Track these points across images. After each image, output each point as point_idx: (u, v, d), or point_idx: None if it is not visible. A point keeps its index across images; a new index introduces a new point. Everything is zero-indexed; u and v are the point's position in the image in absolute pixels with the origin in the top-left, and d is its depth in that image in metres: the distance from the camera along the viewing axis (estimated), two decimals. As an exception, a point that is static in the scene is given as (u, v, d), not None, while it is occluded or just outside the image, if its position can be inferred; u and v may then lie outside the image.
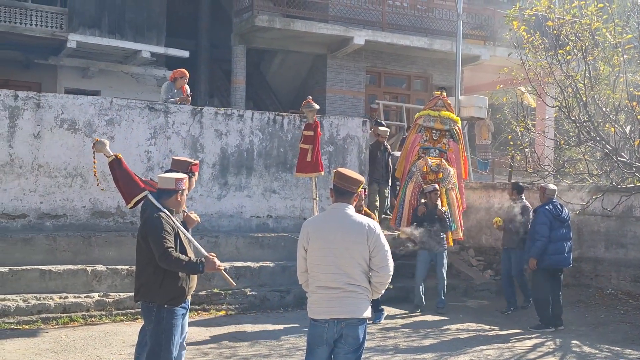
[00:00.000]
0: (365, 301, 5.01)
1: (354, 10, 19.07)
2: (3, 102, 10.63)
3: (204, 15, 20.72)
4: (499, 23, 20.01)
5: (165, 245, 5.24)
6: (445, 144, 12.27)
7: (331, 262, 4.96)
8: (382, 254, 4.96)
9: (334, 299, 4.96)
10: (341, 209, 5.05)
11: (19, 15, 16.05)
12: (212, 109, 12.39)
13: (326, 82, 19.35)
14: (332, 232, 4.99)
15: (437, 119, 12.27)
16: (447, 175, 11.88)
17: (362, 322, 5.00)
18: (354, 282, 4.95)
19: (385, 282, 5.00)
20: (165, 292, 5.37)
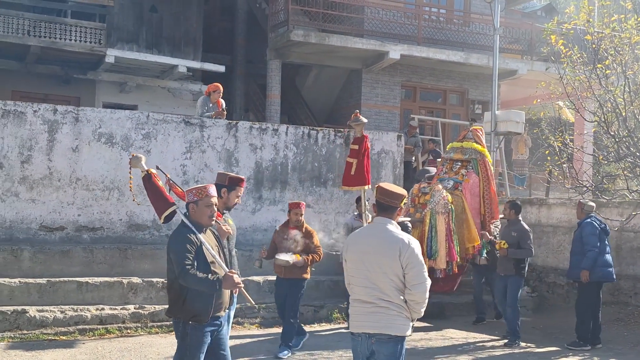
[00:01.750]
0: (399, 318, 4.89)
1: (390, 24, 19.06)
2: (42, 116, 10.81)
3: (240, 31, 20.89)
4: (537, 37, 19.86)
5: (182, 263, 5.16)
6: (464, 175, 11.41)
7: (364, 275, 4.94)
8: (416, 271, 4.84)
9: (367, 314, 4.94)
10: (381, 224, 5.01)
11: (58, 31, 16.32)
12: (247, 123, 12.46)
13: (361, 96, 19.33)
14: (367, 245, 4.97)
15: (458, 150, 11.70)
16: (437, 197, 10.79)
17: (394, 340, 4.89)
18: (386, 297, 4.88)
19: (419, 300, 4.86)
20: (188, 309, 5.27)
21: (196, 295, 5.22)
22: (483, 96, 20.37)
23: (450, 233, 10.71)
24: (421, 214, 10.63)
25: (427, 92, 20.74)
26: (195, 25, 18.16)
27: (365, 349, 4.93)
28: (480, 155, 11.53)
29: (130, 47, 17.20)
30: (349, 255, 5.09)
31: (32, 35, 16.07)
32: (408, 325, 4.94)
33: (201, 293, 5.21)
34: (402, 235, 4.95)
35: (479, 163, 11.46)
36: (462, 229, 10.85)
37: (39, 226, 10.72)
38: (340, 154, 12.84)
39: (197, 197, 5.42)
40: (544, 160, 14.51)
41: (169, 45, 17.71)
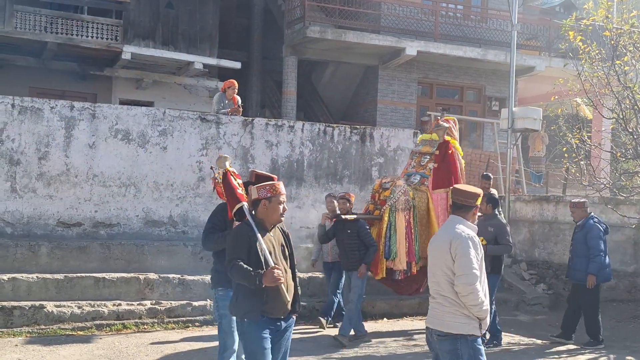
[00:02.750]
0: (455, 315, 4.88)
1: (406, 21, 18.99)
2: (60, 112, 10.86)
3: (256, 27, 20.89)
4: (555, 33, 19.72)
5: (231, 256, 5.13)
6: (430, 169, 10.33)
7: (431, 271, 5.09)
8: (462, 261, 4.84)
9: (431, 308, 5.10)
10: (453, 222, 5.11)
11: (75, 27, 16.39)
12: (262, 120, 12.46)
13: (377, 93, 19.29)
14: (434, 242, 5.16)
15: (427, 142, 10.64)
16: (398, 194, 9.90)
17: (451, 338, 4.87)
18: (443, 292, 4.94)
19: (464, 292, 4.82)
20: (240, 306, 5.19)
21: (247, 292, 5.13)
22: (500, 93, 20.26)
23: (411, 231, 9.84)
24: (380, 211, 9.83)
25: (444, 89, 20.66)
26: (211, 22, 18.18)
27: (433, 342, 5.07)
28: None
29: (147, 43, 17.24)
30: (428, 252, 5.27)
31: (49, 31, 16.16)
32: (467, 323, 4.87)
33: (251, 291, 5.09)
34: (459, 230, 4.98)
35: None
36: (424, 227, 9.96)
37: (57, 222, 10.79)
38: (356, 151, 12.82)
39: (270, 194, 5.29)
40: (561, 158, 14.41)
41: (185, 42, 17.74)
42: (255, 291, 5.06)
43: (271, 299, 5.11)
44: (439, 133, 10.15)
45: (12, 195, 10.58)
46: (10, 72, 17.00)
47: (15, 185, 10.60)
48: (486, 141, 20.10)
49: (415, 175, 10.32)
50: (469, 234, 4.97)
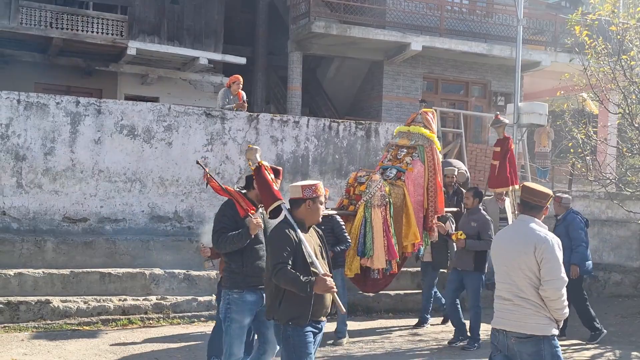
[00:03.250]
0: (536, 317, 4.86)
1: (412, 16, 18.95)
2: (65, 108, 10.88)
3: (261, 22, 20.86)
4: (561, 28, 19.65)
5: (277, 260, 4.91)
6: (408, 163, 9.81)
7: (504, 272, 5.02)
8: (549, 266, 4.82)
9: (505, 310, 5.00)
10: (525, 221, 5.08)
11: (80, 23, 16.40)
12: (268, 116, 12.46)
13: (382, 88, 19.25)
14: (508, 242, 5.07)
15: (404, 135, 10.09)
16: (374, 189, 9.30)
17: (533, 340, 4.86)
18: (522, 294, 4.89)
19: (553, 297, 4.81)
20: (284, 310, 4.98)
21: (292, 296, 4.94)
22: (506, 88, 20.21)
23: (388, 228, 9.29)
24: (355, 207, 9.26)
25: (449, 84, 20.61)
26: (217, 17, 18.16)
27: (504, 346, 4.98)
28: (427, 141, 9.99)
29: (152, 39, 17.25)
30: (492, 252, 5.24)
31: (55, 27, 16.17)
32: (548, 324, 4.87)
33: (297, 295, 4.92)
34: (540, 232, 4.97)
35: (426, 150, 9.95)
36: (400, 224, 9.42)
37: (62, 217, 10.81)
38: (362, 146, 12.81)
39: (315, 194, 5.16)
40: (566, 153, 14.35)
41: (190, 37, 17.73)
42: (297, 296, 4.92)
43: (317, 302, 4.99)
44: (498, 130, 10.05)
45: (18, 190, 10.61)
46: (16, 68, 17.02)
47: (21, 180, 10.62)
48: (492, 136, 20.04)
49: (392, 169, 9.77)
50: (553, 236, 4.99)
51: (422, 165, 9.77)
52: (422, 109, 10.37)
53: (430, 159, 9.88)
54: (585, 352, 9.07)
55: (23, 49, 16.94)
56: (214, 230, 5.95)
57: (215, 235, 5.91)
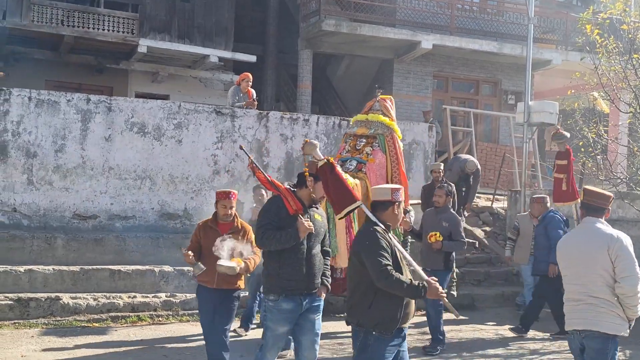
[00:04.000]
0: (609, 316, 4.94)
1: (422, 14, 18.91)
2: (76, 105, 10.92)
3: (272, 21, 20.88)
4: (572, 27, 19.56)
5: (382, 263, 4.67)
6: (368, 154, 9.24)
7: (574, 273, 5.12)
8: (625, 263, 4.92)
9: (576, 311, 5.10)
10: (591, 222, 5.19)
11: (91, 21, 16.46)
12: (277, 113, 12.47)
13: (392, 86, 19.21)
14: (577, 244, 5.18)
15: (363, 124, 9.55)
16: None
17: (603, 337, 4.95)
18: (594, 294, 4.97)
19: (630, 294, 4.88)
20: (375, 314, 4.74)
21: (387, 299, 4.73)
22: (516, 86, 20.14)
23: (351, 224, 8.75)
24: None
25: (460, 83, 20.56)
26: (227, 15, 18.19)
27: (577, 345, 5.10)
28: (388, 130, 9.46)
29: (163, 37, 17.29)
30: (559, 255, 5.34)
31: (66, 25, 16.24)
32: (621, 324, 4.96)
33: (392, 298, 4.73)
34: (611, 231, 5.07)
35: (387, 139, 9.41)
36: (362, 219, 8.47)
37: (73, 214, 10.85)
38: (371, 145, 12.79)
39: (401, 198, 5.01)
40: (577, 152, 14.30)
41: (201, 35, 17.76)
42: (393, 299, 4.75)
43: (406, 309, 4.86)
44: (561, 144, 9.93)
45: (28, 187, 10.65)
46: (27, 66, 17.08)
47: (32, 177, 10.67)
48: (502, 135, 20.00)
49: (351, 161, 9.21)
50: (624, 235, 5.10)
51: (384, 155, 9.30)
52: (379, 96, 9.82)
53: (392, 148, 9.41)
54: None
55: (34, 46, 17.01)
56: (259, 225, 5.68)
57: (260, 231, 5.63)
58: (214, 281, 6.49)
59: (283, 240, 5.51)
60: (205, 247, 6.55)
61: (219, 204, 6.65)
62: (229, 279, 6.46)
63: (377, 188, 5.17)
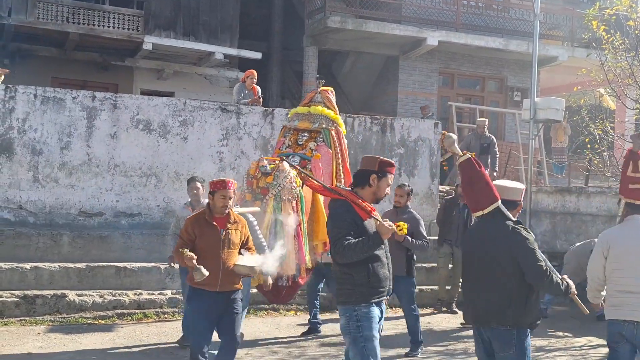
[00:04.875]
0: None
1: (428, 10, 18.87)
2: (81, 102, 10.92)
3: (277, 17, 20.87)
4: (578, 23, 19.51)
5: (544, 264, 4.73)
6: (312, 149, 8.55)
7: (631, 266, 5.39)
8: None
9: (632, 304, 5.36)
10: (638, 219, 5.58)
11: (97, 18, 16.47)
12: (283, 110, 12.45)
13: (398, 83, 19.20)
14: (628, 239, 5.50)
15: (305, 117, 8.80)
16: (283, 180, 8.01)
17: None
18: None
19: None
20: (531, 312, 4.83)
21: (535, 296, 4.86)
22: (522, 83, 20.09)
23: (300, 227, 8.10)
24: (262, 202, 7.88)
25: (465, 79, 20.53)
26: (232, 12, 18.18)
27: (633, 336, 5.38)
28: (332, 123, 8.79)
29: (168, 34, 17.29)
30: (613, 249, 5.49)
31: (71, 22, 16.25)
32: None
33: (537, 294, 4.88)
34: None
35: (331, 134, 8.71)
36: (311, 221, 8.31)
37: (78, 212, 10.86)
38: (377, 142, 12.78)
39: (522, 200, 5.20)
40: (583, 148, 14.26)
41: (206, 32, 17.76)
42: (537, 300, 4.97)
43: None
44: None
45: (34, 184, 10.67)
46: (33, 63, 17.12)
47: (37, 175, 10.68)
48: (508, 132, 19.97)
49: (294, 157, 8.42)
50: None
51: (329, 150, 8.59)
52: (320, 87, 9.07)
53: (337, 143, 8.74)
54: (600, 349, 9.01)
55: (40, 43, 17.04)
56: (335, 239, 4.98)
57: (339, 245, 4.94)
58: (217, 284, 5.97)
59: (367, 248, 4.97)
60: (202, 246, 5.97)
61: (216, 195, 6.06)
62: (234, 279, 6.09)
63: (507, 187, 5.05)
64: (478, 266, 4.89)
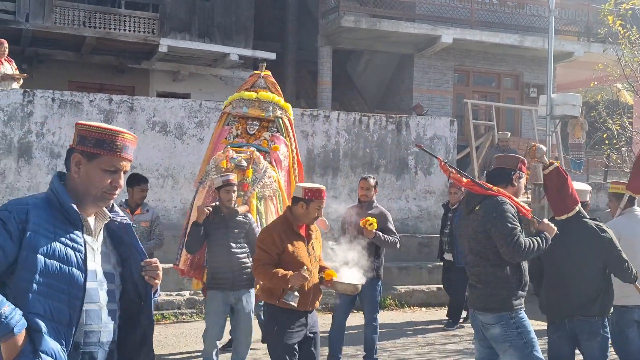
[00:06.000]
0: None
1: (442, 8, 18.83)
2: (98, 105, 11.01)
3: (291, 18, 20.90)
4: (594, 18, 19.37)
5: (623, 256, 5.15)
6: (268, 140, 7.87)
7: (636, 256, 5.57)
8: None
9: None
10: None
11: (113, 22, 16.60)
12: (298, 110, 12.48)
13: (413, 81, 19.17)
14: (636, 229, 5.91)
15: (253, 103, 7.96)
16: (262, 174, 7.44)
17: None
18: None
19: None
20: (611, 300, 5.26)
21: (611, 288, 5.23)
22: (538, 79, 19.99)
23: None
24: (243, 199, 7.18)
25: (481, 76, 20.45)
26: (246, 13, 18.24)
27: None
28: (284, 112, 8.18)
29: (183, 36, 17.38)
30: (622, 240, 5.55)
31: (88, 26, 16.38)
32: None
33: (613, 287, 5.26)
34: None
35: (284, 123, 8.11)
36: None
37: (97, 214, 10.93)
38: (392, 140, 12.77)
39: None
40: (601, 144, 14.17)
41: (221, 34, 17.82)
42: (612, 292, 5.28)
43: None
44: None
45: (53, 187, 10.74)
46: (51, 67, 17.27)
47: (56, 178, 10.76)
48: (524, 128, 19.88)
49: (249, 149, 7.72)
50: None
51: (286, 141, 8.02)
52: (263, 72, 8.39)
53: (291, 134, 8.17)
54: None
55: (57, 48, 17.19)
56: (507, 234, 4.63)
57: (516, 242, 4.61)
58: (308, 302, 5.12)
59: (541, 246, 4.76)
60: (291, 260, 5.06)
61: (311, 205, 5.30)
62: (319, 296, 5.28)
63: (580, 190, 5.52)
64: (564, 264, 5.18)
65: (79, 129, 2.85)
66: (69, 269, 2.68)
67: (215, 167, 7.52)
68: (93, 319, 2.78)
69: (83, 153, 2.81)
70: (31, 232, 2.62)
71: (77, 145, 2.83)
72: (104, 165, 2.84)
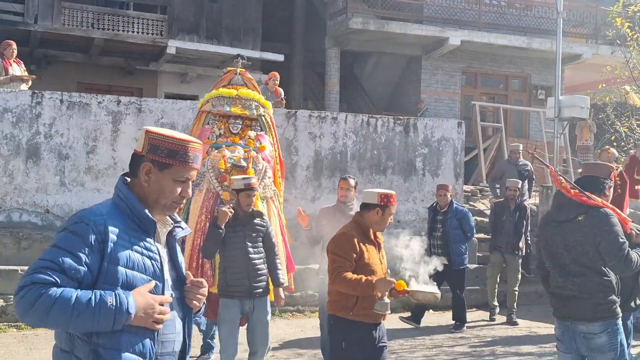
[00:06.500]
0: None
1: (450, 10, 18.82)
2: (107, 107, 11.05)
3: (299, 20, 20.92)
4: (602, 20, 19.34)
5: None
6: (253, 139, 7.62)
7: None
8: None
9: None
10: None
11: (121, 23, 16.66)
12: (306, 112, 12.49)
13: (421, 83, 19.17)
14: None
15: (235, 101, 7.68)
16: (263, 175, 7.31)
17: None
18: None
19: None
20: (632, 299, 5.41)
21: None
22: (546, 81, 19.96)
23: (282, 230, 7.32)
24: None
25: (489, 78, 20.43)
26: (254, 15, 18.28)
27: None
28: (265, 110, 7.91)
29: (191, 37, 17.42)
30: None
31: (96, 28, 16.44)
32: None
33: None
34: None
35: (267, 122, 7.88)
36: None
37: (105, 215, 10.96)
38: (400, 142, 12.76)
39: None
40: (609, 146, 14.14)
41: (229, 36, 17.87)
42: None
43: None
44: None
45: (61, 189, 10.80)
46: (59, 68, 17.34)
47: (64, 179, 10.82)
48: (532, 130, 19.85)
49: (237, 148, 7.51)
50: None
51: (271, 141, 7.82)
52: (239, 68, 8.14)
53: (273, 132, 7.97)
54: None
55: (66, 49, 17.26)
56: (618, 249, 4.66)
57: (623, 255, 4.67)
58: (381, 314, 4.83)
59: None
60: (366, 269, 4.76)
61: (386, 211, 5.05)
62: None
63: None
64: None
65: (149, 137, 2.84)
66: (148, 280, 2.69)
67: (212, 168, 7.30)
68: (169, 328, 2.75)
69: (154, 162, 2.80)
70: (111, 243, 2.62)
71: (147, 153, 2.82)
72: (175, 175, 2.82)
